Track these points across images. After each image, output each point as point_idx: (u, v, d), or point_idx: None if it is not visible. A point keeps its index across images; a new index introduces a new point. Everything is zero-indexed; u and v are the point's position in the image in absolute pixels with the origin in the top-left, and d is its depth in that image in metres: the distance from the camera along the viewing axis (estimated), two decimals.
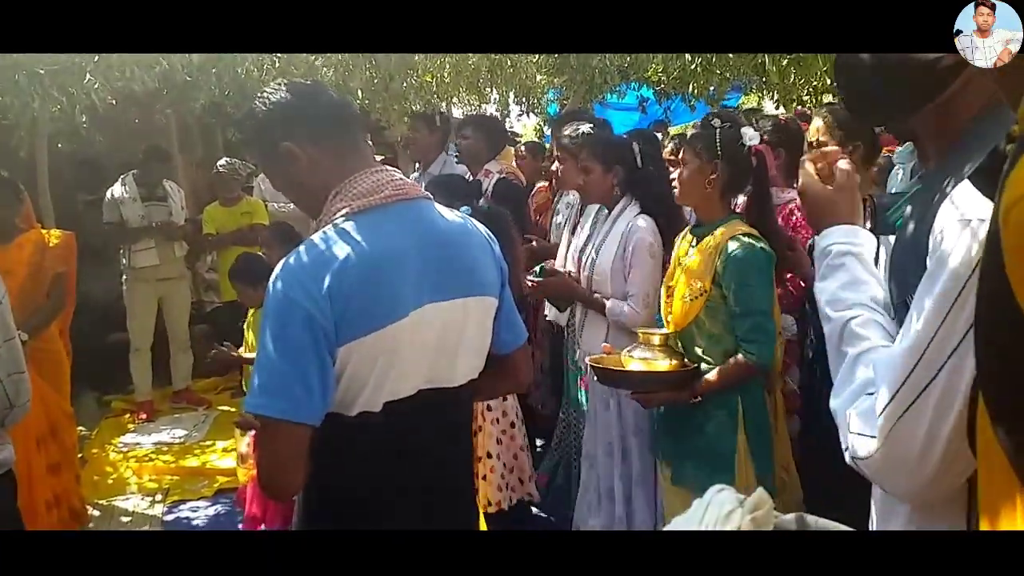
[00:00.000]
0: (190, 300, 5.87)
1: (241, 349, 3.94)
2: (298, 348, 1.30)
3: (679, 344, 2.31)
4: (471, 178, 4.27)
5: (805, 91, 6.33)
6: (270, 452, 1.34)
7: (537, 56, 5.60)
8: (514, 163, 5.48)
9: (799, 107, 6.59)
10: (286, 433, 1.31)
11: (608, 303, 2.78)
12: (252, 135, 1.52)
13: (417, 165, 5.01)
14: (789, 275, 2.64)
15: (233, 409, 5.61)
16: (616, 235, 2.80)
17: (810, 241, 2.24)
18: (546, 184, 5.34)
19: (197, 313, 6.17)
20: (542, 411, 4.38)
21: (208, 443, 5.00)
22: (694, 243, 2.32)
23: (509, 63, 4.71)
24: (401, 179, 1.49)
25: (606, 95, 6.96)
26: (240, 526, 3.54)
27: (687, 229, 2.43)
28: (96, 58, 3.43)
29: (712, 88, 6.48)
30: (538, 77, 6.63)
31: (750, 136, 2.30)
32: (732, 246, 2.17)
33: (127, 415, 5.57)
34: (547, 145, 6.28)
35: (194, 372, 5.84)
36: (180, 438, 5.11)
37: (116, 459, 4.80)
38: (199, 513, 4.08)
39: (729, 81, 6.48)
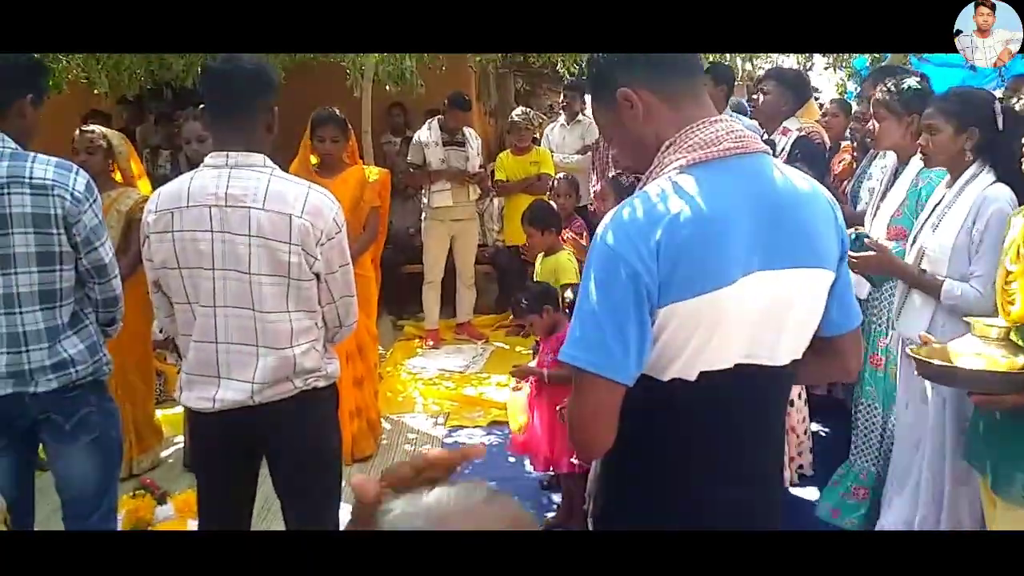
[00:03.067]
0: (477, 241, 6.23)
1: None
2: (619, 304, 1.27)
3: (1020, 340, 1.99)
4: (765, 136, 4.03)
5: None
6: (581, 405, 1.33)
7: None
8: (817, 121, 5.08)
9: None
10: (599, 388, 1.29)
11: (945, 284, 2.44)
12: (591, 79, 1.49)
13: None
14: None
15: (507, 346, 5.94)
16: (964, 205, 2.43)
17: None
18: (849, 144, 4.91)
19: (481, 254, 6.52)
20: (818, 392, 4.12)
21: (484, 375, 5.32)
22: None
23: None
24: (741, 130, 1.39)
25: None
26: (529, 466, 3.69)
27: None
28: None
29: None
30: None
31: None
32: None
33: (416, 340, 6.10)
34: (850, 103, 5.74)
35: (476, 308, 6.25)
36: (460, 367, 5.49)
37: (406, 380, 5.28)
38: (475, 440, 4.35)
39: None
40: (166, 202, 2.12)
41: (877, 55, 6.45)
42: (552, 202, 4.39)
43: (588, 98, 1.58)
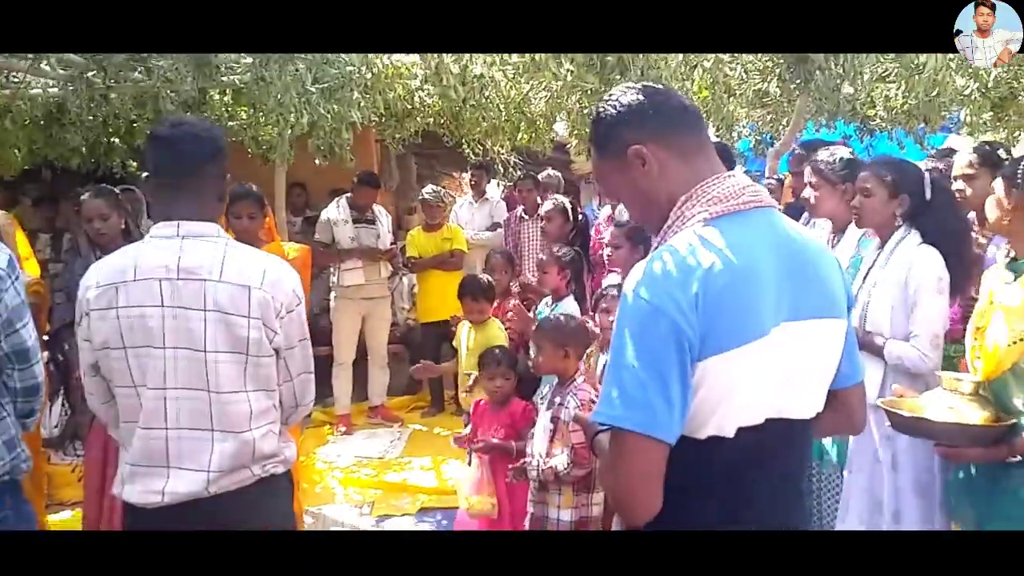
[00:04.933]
0: (390, 320, 6.08)
1: (447, 365, 4.06)
2: (662, 360, 1.23)
3: (988, 393, 2.08)
4: None
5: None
6: (627, 470, 1.26)
7: (738, 90, 5.44)
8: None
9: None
10: (644, 450, 1.23)
11: (887, 344, 2.54)
12: (598, 138, 1.47)
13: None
14: None
15: (425, 427, 5.75)
16: (896, 267, 2.57)
17: None
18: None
19: (392, 333, 6.37)
20: None
21: (405, 460, 5.11)
22: (1011, 280, 2.10)
23: (711, 97, 4.63)
24: (755, 185, 1.41)
25: (806, 129, 6.70)
26: None
27: (1004, 264, 2.20)
28: (370, 75, 3.63)
29: (922, 126, 6.13)
30: (737, 110, 6.45)
31: None
32: None
33: (326, 426, 5.82)
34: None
35: (388, 389, 6.05)
36: (379, 453, 5.26)
37: (322, 469, 5.00)
38: (408, 529, 4.14)
39: (943, 119, 6.12)
40: (109, 276, 1.94)
41: (759, 134, 6.94)
42: (488, 277, 4.38)
43: (593, 157, 1.54)
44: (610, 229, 3.94)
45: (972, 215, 3.09)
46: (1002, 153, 3.25)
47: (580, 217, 4.95)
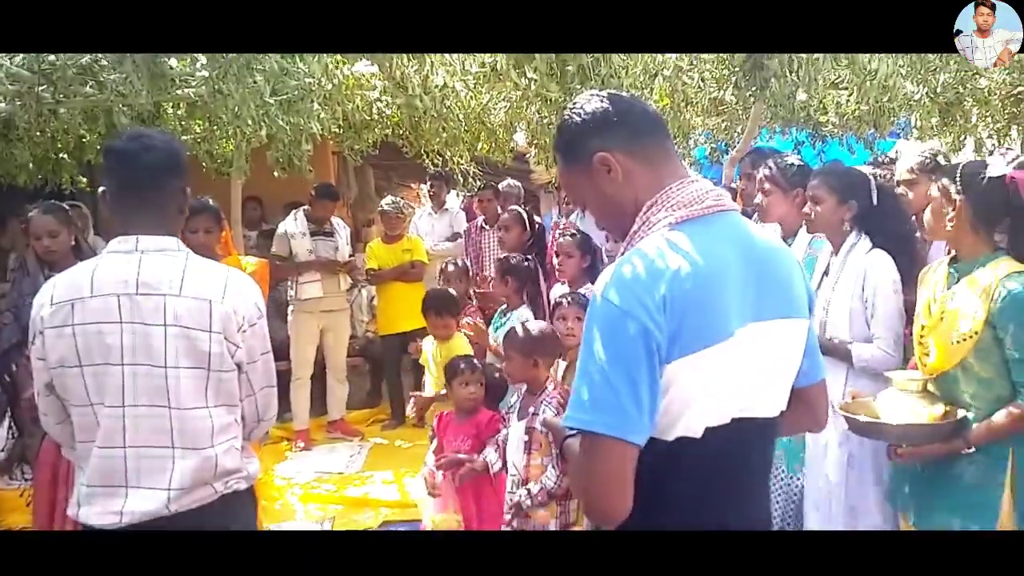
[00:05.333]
0: (349, 332, 6.03)
1: (425, 381, 4.01)
2: (631, 362, 1.24)
3: (937, 389, 2.15)
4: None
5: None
6: (598, 473, 1.27)
7: (695, 98, 5.53)
8: None
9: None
10: (615, 453, 1.25)
11: (853, 348, 2.60)
12: (563, 145, 1.49)
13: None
14: None
15: (386, 441, 5.70)
16: (851, 273, 2.65)
17: None
18: None
19: (351, 346, 6.31)
20: None
21: (367, 474, 5.06)
22: (955, 281, 2.17)
23: (668, 104, 4.71)
24: (718, 189, 1.43)
25: (760, 135, 6.83)
26: None
27: (940, 265, 2.28)
28: (330, 86, 3.60)
29: (872, 131, 6.30)
30: (693, 118, 6.56)
31: (997, 167, 2.15)
32: (1012, 285, 2.01)
33: (284, 442, 5.73)
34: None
35: (347, 403, 5.98)
36: (339, 468, 5.19)
37: (281, 486, 4.92)
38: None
39: (892, 124, 6.30)
40: (64, 292, 1.89)
41: (714, 142, 7.06)
42: (452, 290, 4.36)
43: (559, 164, 1.56)
44: (559, 241, 3.97)
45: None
46: (941, 159, 3.36)
47: (537, 226, 4.98)
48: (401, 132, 5.46)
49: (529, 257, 3.94)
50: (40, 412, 2.01)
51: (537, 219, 5.29)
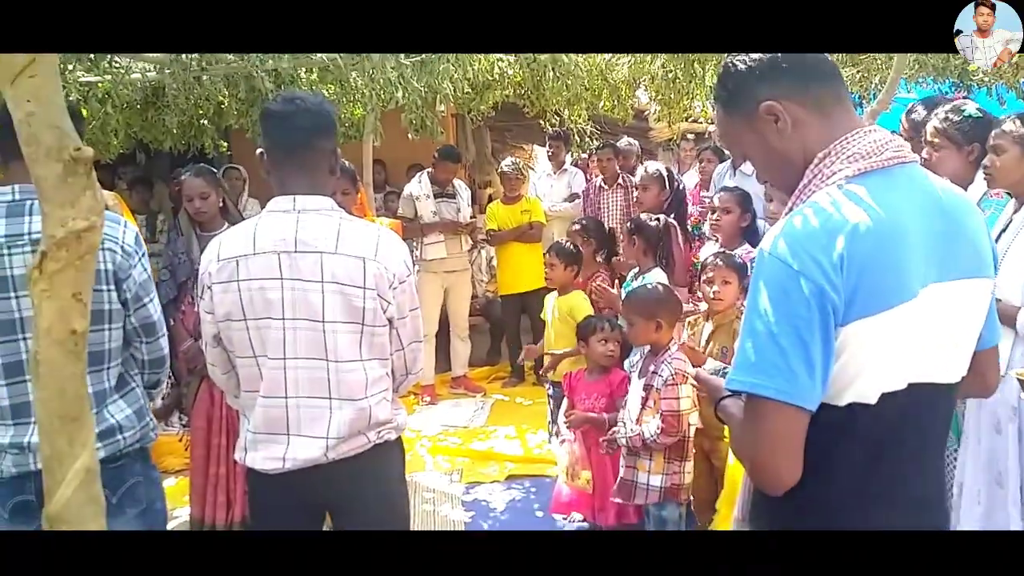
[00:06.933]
0: (471, 292, 6.15)
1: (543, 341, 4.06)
2: (803, 324, 1.19)
3: None
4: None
5: None
6: (764, 438, 1.23)
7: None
8: None
9: None
10: (784, 417, 1.20)
11: (1021, 315, 2.40)
12: (725, 95, 1.41)
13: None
14: None
15: (507, 398, 5.82)
16: None
17: None
18: None
19: (472, 306, 6.43)
20: None
21: (491, 428, 5.18)
22: None
23: None
24: (898, 140, 1.34)
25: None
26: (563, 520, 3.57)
27: None
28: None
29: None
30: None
31: None
32: None
33: (411, 396, 5.92)
34: None
35: (469, 361, 6.12)
36: (464, 422, 5.33)
37: (410, 438, 5.10)
38: (495, 497, 4.20)
39: None
40: (230, 250, 2.00)
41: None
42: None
43: (718, 114, 1.49)
44: (718, 194, 3.82)
45: None
46: None
47: (679, 185, 4.75)
48: (523, 92, 5.45)
49: (659, 217, 3.83)
50: (208, 362, 2.15)
51: (678, 178, 5.02)
